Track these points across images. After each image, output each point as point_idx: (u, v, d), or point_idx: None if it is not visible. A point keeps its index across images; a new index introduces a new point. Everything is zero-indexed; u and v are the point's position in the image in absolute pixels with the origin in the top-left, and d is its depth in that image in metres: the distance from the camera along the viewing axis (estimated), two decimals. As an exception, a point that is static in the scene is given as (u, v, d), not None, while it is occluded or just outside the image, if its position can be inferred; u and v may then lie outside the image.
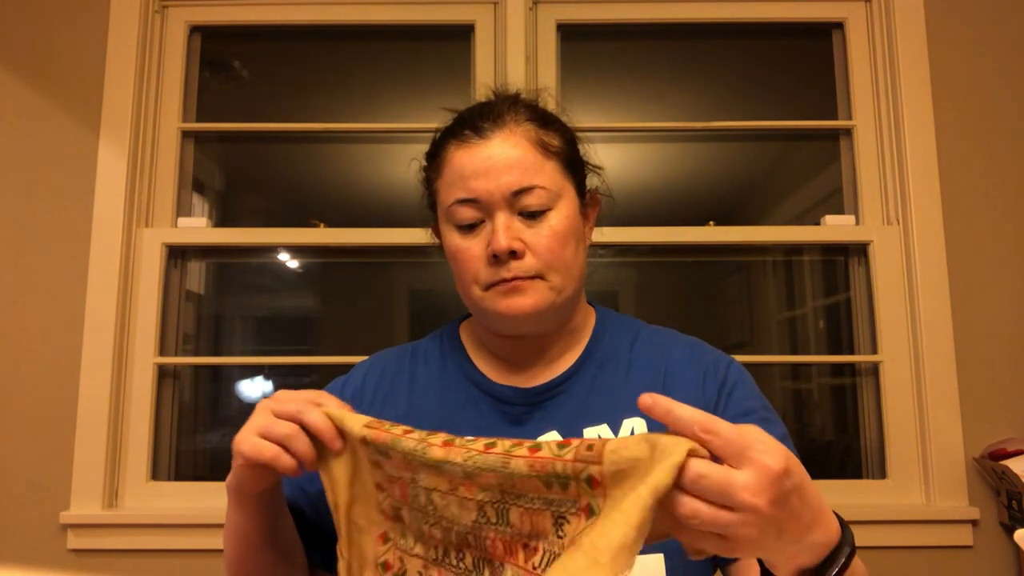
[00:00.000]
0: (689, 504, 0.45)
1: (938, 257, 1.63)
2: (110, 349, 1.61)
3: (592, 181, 0.88)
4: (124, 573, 1.54)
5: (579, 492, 0.50)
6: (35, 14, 1.74)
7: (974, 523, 1.55)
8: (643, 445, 0.47)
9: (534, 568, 0.54)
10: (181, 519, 1.55)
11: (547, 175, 0.78)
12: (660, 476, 0.45)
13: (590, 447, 0.49)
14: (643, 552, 0.59)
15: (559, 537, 0.52)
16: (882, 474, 1.63)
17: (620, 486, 0.48)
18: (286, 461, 0.65)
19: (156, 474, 1.65)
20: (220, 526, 0.77)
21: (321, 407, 0.66)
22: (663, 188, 1.86)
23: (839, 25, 1.81)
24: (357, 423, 0.65)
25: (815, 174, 1.84)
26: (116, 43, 1.72)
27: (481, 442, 0.57)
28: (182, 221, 1.74)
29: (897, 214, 1.69)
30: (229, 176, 1.91)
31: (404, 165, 0.93)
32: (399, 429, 0.63)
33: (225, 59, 1.88)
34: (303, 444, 0.65)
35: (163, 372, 1.70)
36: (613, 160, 0.90)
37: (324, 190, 1.87)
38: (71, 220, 1.66)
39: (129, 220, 1.67)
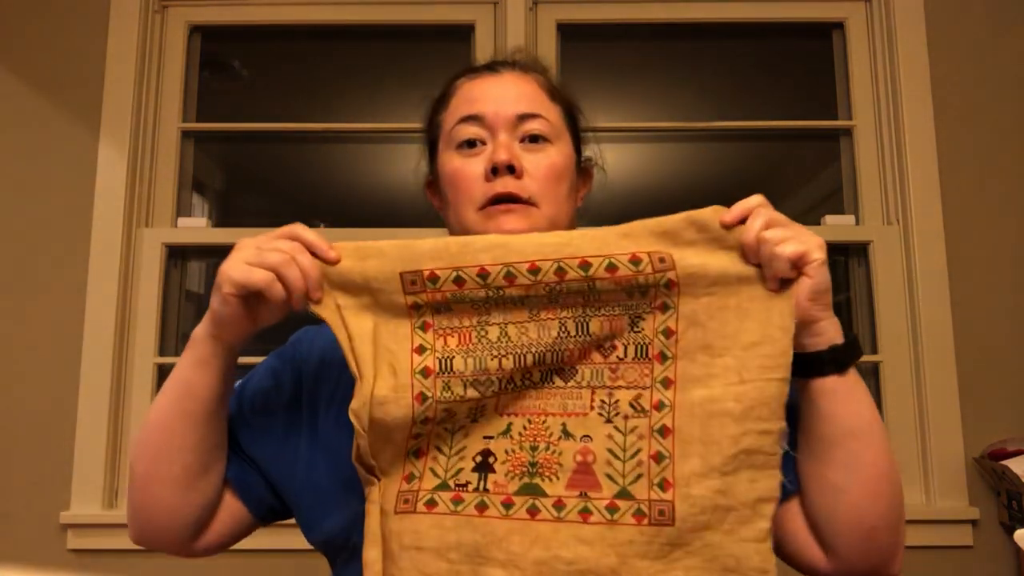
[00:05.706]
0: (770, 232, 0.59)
1: (938, 257, 1.63)
2: (110, 349, 1.61)
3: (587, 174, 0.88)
4: (124, 573, 1.54)
5: (656, 294, 0.62)
6: (35, 14, 1.73)
7: (974, 523, 1.55)
8: (701, 251, 0.62)
9: (619, 359, 0.64)
10: (181, 519, 1.55)
11: (552, 113, 0.80)
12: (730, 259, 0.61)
13: (662, 259, 0.61)
14: None
15: (635, 332, 0.63)
16: (882, 474, 1.63)
17: (692, 287, 0.61)
18: (278, 289, 0.63)
19: (156, 474, 1.65)
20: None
21: (333, 250, 0.68)
22: (663, 188, 1.86)
23: (839, 25, 1.81)
24: (393, 293, 0.65)
25: (815, 174, 1.84)
26: (116, 43, 1.72)
27: (549, 277, 0.62)
28: (182, 221, 1.74)
29: (897, 214, 1.69)
30: (229, 176, 1.91)
31: (404, 165, 0.93)
32: (449, 284, 0.63)
33: (225, 59, 1.88)
34: (295, 273, 0.64)
35: (163, 372, 1.70)
36: (613, 160, 0.90)
37: (324, 190, 1.87)
38: (71, 220, 1.66)
39: (129, 220, 1.67)
